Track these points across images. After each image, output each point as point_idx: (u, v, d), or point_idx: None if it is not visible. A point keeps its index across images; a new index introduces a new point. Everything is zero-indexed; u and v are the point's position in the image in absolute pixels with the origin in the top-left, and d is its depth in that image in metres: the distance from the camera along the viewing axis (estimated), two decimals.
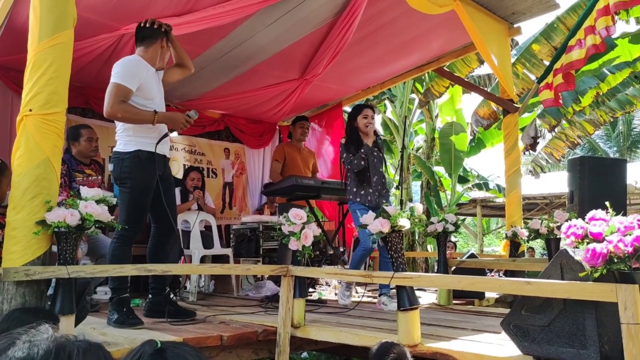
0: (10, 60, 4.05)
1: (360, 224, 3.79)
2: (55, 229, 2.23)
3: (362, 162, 3.84)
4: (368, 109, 4.01)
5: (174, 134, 6.05)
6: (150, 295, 3.21)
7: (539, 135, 7.11)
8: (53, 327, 0.92)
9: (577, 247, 1.87)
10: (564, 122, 8.02)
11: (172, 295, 3.34)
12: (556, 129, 8.16)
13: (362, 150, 3.85)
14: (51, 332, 0.91)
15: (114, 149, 2.97)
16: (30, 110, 2.28)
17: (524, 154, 6.69)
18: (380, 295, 3.91)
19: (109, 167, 3.07)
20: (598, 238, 1.76)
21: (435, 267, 4.38)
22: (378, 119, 10.98)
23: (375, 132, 3.99)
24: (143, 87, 2.90)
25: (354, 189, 3.93)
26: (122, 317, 2.82)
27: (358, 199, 3.90)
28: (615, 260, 1.68)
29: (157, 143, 2.93)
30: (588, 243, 1.75)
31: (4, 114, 4.61)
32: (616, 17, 4.10)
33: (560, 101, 4.77)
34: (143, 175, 2.90)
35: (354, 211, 3.93)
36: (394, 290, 2.46)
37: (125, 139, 2.89)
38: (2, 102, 4.62)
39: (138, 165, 2.87)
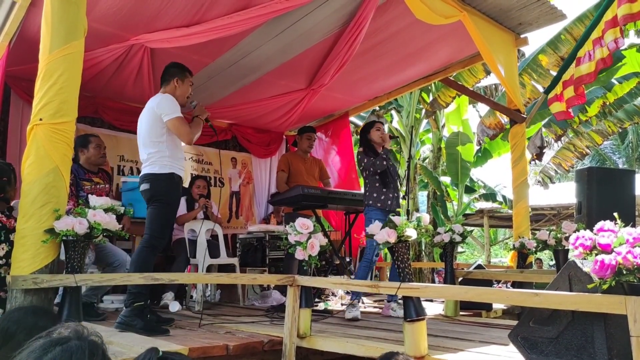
0: (22, 70, 4.11)
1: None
2: (64, 238, 2.24)
3: (384, 162, 3.99)
4: (380, 123, 4.32)
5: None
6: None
7: (545, 144, 7.09)
8: (77, 326, 0.95)
9: (585, 259, 1.85)
10: (571, 132, 7.99)
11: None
12: (564, 139, 8.14)
13: (383, 152, 4.05)
14: (75, 328, 0.94)
15: (147, 172, 3.17)
16: (41, 119, 2.31)
17: (531, 164, 6.67)
18: (389, 302, 3.89)
19: (141, 187, 3.20)
20: (606, 249, 1.74)
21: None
22: (384, 129, 10.95)
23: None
24: None
25: (374, 194, 3.97)
26: (151, 324, 2.91)
27: (379, 204, 3.93)
28: (624, 272, 1.66)
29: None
30: (596, 254, 1.73)
31: (15, 123, 4.67)
32: (623, 29, 4.09)
33: (572, 113, 4.76)
34: (176, 194, 3.26)
35: (370, 219, 3.84)
36: None
37: (162, 162, 3.17)
38: (14, 111, 4.68)
39: (172, 186, 3.20)
